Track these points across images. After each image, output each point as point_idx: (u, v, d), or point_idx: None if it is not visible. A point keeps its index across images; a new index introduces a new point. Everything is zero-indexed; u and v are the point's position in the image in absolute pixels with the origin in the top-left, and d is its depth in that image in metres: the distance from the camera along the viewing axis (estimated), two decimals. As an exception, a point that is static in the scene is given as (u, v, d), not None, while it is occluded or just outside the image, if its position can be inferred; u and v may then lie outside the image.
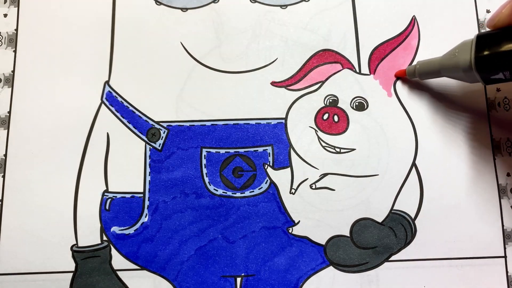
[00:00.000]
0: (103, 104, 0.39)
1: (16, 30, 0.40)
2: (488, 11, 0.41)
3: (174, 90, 0.39)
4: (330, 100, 0.39)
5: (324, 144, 0.38)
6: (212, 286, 0.36)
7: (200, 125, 0.39)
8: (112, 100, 0.39)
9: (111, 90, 0.39)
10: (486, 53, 0.32)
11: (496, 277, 0.37)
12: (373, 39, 0.40)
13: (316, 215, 0.37)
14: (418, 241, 0.37)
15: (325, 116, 0.39)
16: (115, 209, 0.37)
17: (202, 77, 0.39)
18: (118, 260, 0.37)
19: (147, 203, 0.37)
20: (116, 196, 0.38)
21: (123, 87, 0.39)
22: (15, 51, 0.40)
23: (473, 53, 0.32)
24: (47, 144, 0.38)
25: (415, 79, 0.38)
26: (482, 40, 0.32)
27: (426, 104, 0.39)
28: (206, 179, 0.38)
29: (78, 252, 0.37)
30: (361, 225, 0.37)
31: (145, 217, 0.37)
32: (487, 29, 0.34)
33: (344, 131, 0.38)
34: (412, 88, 0.39)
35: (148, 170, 0.38)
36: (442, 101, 0.39)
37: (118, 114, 0.39)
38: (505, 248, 0.37)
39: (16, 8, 0.41)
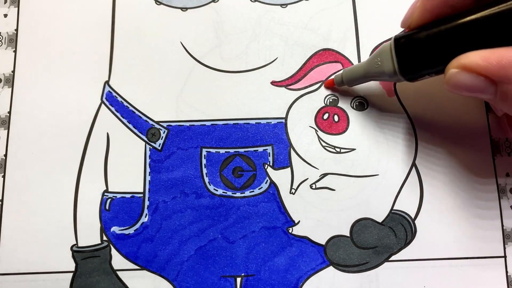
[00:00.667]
0: (103, 104, 0.39)
1: (16, 30, 0.40)
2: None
3: (174, 90, 0.39)
4: (330, 100, 0.39)
5: (324, 144, 0.38)
6: (212, 286, 0.36)
7: (200, 125, 0.39)
8: (112, 100, 0.39)
9: (111, 90, 0.39)
10: (407, 58, 0.32)
11: (496, 277, 0.37)
12: (374, 39, 0.40)
13: (316, 215, 0.37)
14: (418, 241, 0.37)
15: (325, 116, 0.39)
16: (115, 209, 0.37)
17: (202, 77, 0.39)
18: (118, 260, 0.37)
19: (147, 203, 0.37)
20: (116, 196, 0.38)
21: (123, 87, 0.39)
22: (15, 51, 0.40)
23: (396, 60, 0.33)
24: (47, 144, 0.38)
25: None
26: (401, 45, 0.32)
27: (426, 104, 0.39)
28: (206, 179, 0.38)
29: (78, 252, 0.37)
30: (361, 225, 0.37)
31: (145, 217, 0.37)
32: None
33: (344, 131, 0.38)
34: (412, 88, 0.39)
35: (148, 170, 0.38)
36: (442, 101, 0.39)
37: (118, 114, 0.39)
38: (505, 248, 0.37)
39: (16, 8, 0.41)
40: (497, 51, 0.28)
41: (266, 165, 0.38)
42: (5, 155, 0.38)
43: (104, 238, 0.37)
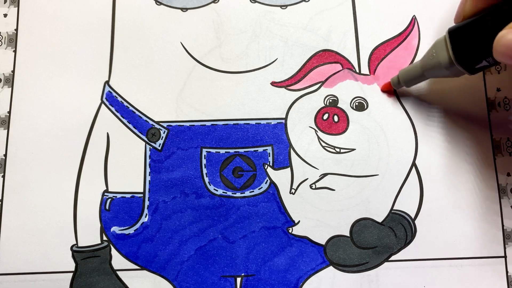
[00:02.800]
0: (103, 104, 0.39)
1: (16, 30, 0.40)
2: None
3: (174, 90, 0.39)
4: (330, 100, 0.39)
5: (324, 144, 0.38)
6: (212, 286, 0.36)
7: (200, 125, 0.39)
8: (112, 100, 0.39)
9: (111, 90, 0.39)
10: (463, 46, 0.32)
11: (496, 277, 0.37)
12: (373, 39, 0.40)
13: (316, 215, 0.37)
14: (418, 241, 0.37)
15: (325, 116, 0.39)
16: (115, 209, 0.37)
17: (202, 77, 0.39)
18: (118, 260, 0.37)
19: (147, 203, 0.37)
20: (116, 196, 0.38)
21: (123, 87, 0.39)
22: (15, 51, 0.40)
23: (450, 49, 0.33)
24: (47, 144, 0.38)
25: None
26: (455, 34, 0.33)
27: (426, 104, 0.39)
28: (206, 179, 0.38)
29: (78, 252, 0.37)
30: (361, 225, 0.37)
31: (145, 217, 0.37)
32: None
33: (344, 131, 0.38)
34: (413, 88, 0.39)
35: (148, 170, 0.38)
36: (442, 101, 0.39)
37: (118, 114, 0.39)
38: (505, 248, 0.37)
39: (16, 8, 0.41)
40: None
41: (266, 165, 0.38)
42: (5, 155, 0.38)
43: (104, 238, 0.37)
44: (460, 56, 0.33)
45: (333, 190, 0.38)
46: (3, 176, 0.38)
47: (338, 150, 0.38)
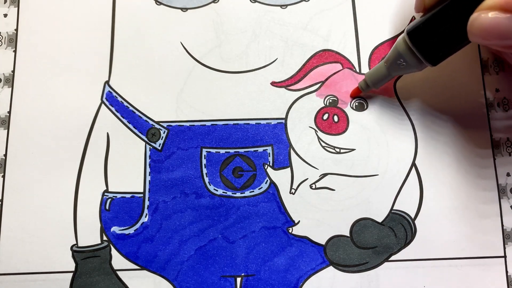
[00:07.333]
0: (103, 104, 0.39)
1: (16, 30, 0.40)
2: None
3: (174, 90, 0.39)
4: (330, 100, 0.39)
5: (324, 144, 0.38)
6: (212, 286, 0.36)
7: (200, 125, 0.39)
8: (112, 100, 0.39)
9: (111, 90, 0.39)
10: (430, 44, 0.32)
11: (496, 277, 0.37)
12: (373, 39, 0.40)
13: (316, 215, 0.37)
14: (418, 241, 0.37)
15: (325, 116, 0.39)
16: (115, 209, 0.37)
17: (202, 77, 0.39)
18: (118, 260, 0.37)
19: (147, 203, 0.37)
20: (116, 196, 0.38)
21: (123, 87, 0.39)
22: (15, 51, 0.40)
23: (421, 56, 0.33)
24: (47, 144, 0.38)
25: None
26: (417, 35, 0.33)
27: (426, 104, 0.39)
28: (206, 179, 0.38)
29: (78, 252, 0.37)
30: (361, 225, 0.37)
31: (145, 217, 0.37)
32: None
33: (344, 131, 0.38)
34: (412, 88, 0.39)
35: (148, 170, 0.38)
36: (442, 101, 0.39)
37: (118, 114, 0.39)
38: (505, 248, 0.37)
39: (16, 8, 0.41)
40: None
41: (266, 165, 0.38)
42: (5, 155, 0.38)
43: (104, 238, 0.37)
44: (428, 55, 0.33)
45: (333, 190, 0.38)
46: (3, 176, 0.38)
47: (338, 150, 0.38)
